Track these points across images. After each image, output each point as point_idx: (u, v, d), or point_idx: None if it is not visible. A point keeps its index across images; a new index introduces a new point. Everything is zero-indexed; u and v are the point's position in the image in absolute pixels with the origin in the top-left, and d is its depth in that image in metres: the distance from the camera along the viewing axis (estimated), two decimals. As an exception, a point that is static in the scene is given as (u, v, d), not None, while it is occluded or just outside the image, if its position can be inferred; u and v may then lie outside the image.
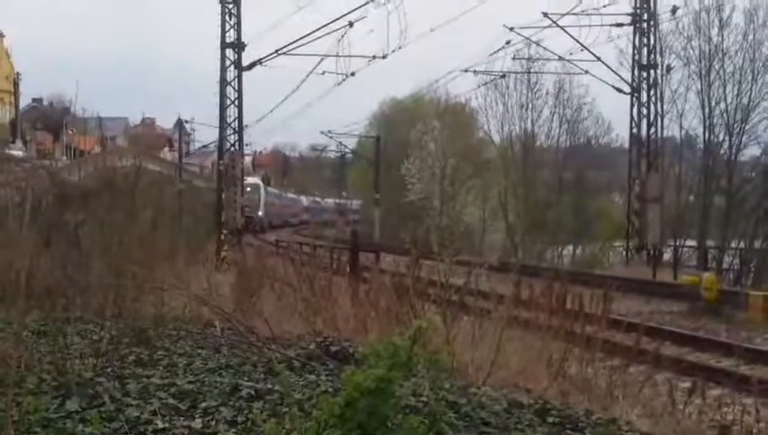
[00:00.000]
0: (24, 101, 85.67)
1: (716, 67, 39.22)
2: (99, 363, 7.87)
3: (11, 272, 8.32)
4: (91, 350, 8.48)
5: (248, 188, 42.92)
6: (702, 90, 39.48)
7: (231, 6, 34.52)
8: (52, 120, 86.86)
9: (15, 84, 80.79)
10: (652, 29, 36.64)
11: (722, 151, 40.53)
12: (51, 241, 12.78)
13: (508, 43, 38.36)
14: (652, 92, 36.89)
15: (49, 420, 6.00)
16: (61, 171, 45.01)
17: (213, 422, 6.05)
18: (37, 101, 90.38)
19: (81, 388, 6.87)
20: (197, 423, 6.01)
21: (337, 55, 34.80)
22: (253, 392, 6.94)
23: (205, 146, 64.47)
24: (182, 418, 6.13)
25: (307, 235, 50.91)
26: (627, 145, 38.80)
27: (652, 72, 36.80)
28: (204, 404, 6.50)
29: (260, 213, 55.65)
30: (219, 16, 34.57)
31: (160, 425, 5.92)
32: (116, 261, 10.74)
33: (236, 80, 35.10)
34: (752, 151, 40.30)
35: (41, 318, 9.35)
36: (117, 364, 7.89)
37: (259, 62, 35.21)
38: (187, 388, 6.99)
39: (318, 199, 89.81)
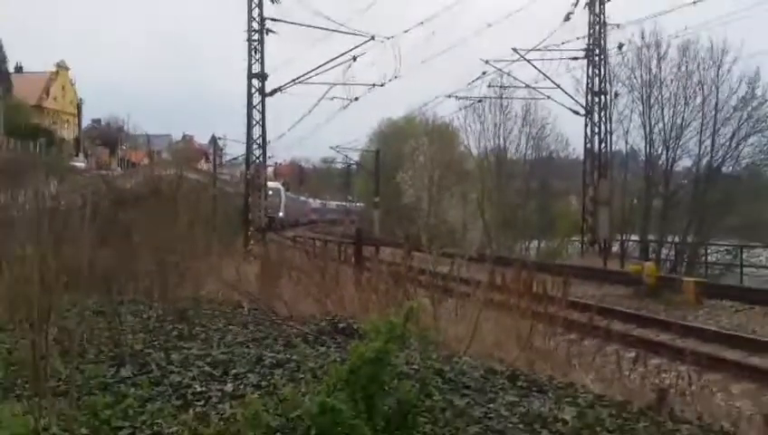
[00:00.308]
0: (86, 122, 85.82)
1: (655, 93, 39.32)
2: (147, 338, 7.87)
3: (75, 263, 8.26)
4: (140, 326, 8.49)
5: (270, 192, 42.85)
6: (643, 112, 39.58)
7: (256, 43, 34.62)
8: (108, 137, 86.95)
9: (78, 108, 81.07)
10: (602, 62, 36.81)
11: (660, 163, 40.57)
12: (107, 237, 12.74)
13: (484, 73, 38.54)
14: (603, 114, 37.06)
15: (106, 384, 5.98)
16: (115, 180, 44.99)
17: (241, 386, 6.03)
18: (96, 121, 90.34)
19: (132, 358, 6.86)
20: (229, 387, 5.99)
21: (343, 84, 34.94)
22: (274, 361, 6.92)
23: (234, 158, 64.64)
24: (216, 382, 6.12)
25: (319, 232, 50.74)
26: (582, 158, 38.82)
27: (602, 97, 36.94)
28: (234, 371, 6.49)
29: (280, 214, 55.54)
30: (247, 51, 34.82)
31: (198, 389, 5.90)
32: (161, 253, 10.74)
33: (261, 104, 35.27)
34: (684, 163, 40.44)
35: (99, 301, 9.34)
36: (162, 338, 7.88)
37: (279, 89, 35.34)
38: (221, 358, 6.97)
39: (324, 202, 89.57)
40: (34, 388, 5.12)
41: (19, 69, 73.90)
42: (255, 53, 34.84)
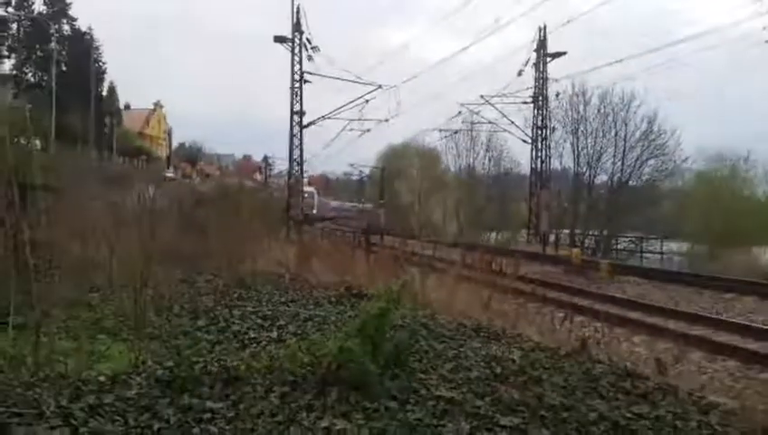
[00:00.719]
0: (174, 144, 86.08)
1: (582, 128, 39.17)
2: (216, 298, 7.87)
3: (166, 245, 8.28)
4: (211, 290, 8.50)
5: (306, 194, 43.00)
6: (573, 141, 39.46)
7: (297, 89, 34.78)
8: (190, 155, 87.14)
9: (169, 134, 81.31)
10: (544, 105, 36.88)
11: (585, 178, 40.51)
12: (189, 227, 12.77)
13: (459, 113, 38.88)
14: (544, 143, 37.13)
15: (186, 331, 6.00)
16: (195, 186, 45.03)
17: (283, 333, 6.05)
18: (182, 144, 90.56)
19: (205, 313, 6.88)
20: (274, 334, 6.01)
21: (358, 119, 35.17)
22: (307, 316, 6.95)
23: (280, 172, 64.73)
24: (265, 331, 6.14)
25: (340, 224, 50.54)
26: (529, 174, 38.86)
27: (544, 130, 36.99)
28: (278, 323, 6.51)
29: (314, 211, 55.33)
30: (290, 95, 35.01)
31: (252, 335, 5.93)
32: (227, 239, 10.75)
33: (300, 133, 35.48)
34: (602, 178, 40.36)
35: (183, 272, 9.36)
36: (227, 299, 7.89)
37: (313, 123, 35.59)
38: (268, 313, 6.99)
39: (341, 203, 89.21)
40: (135, 333, 5.13)
41: (127, 106, 74.06)
42: (296, 96, 34.96)
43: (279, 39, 34.22)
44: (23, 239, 4.82)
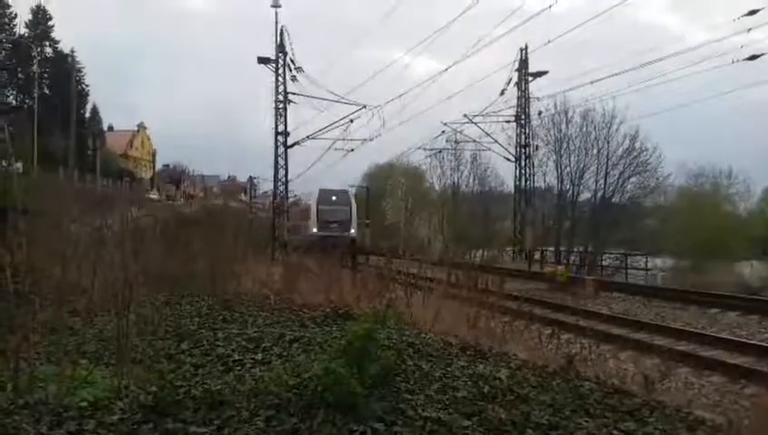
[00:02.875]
0: (159, 166, 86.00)
1: (564, 146, 39.55)
2: (200, 321, 7.80)
3: (149, 267, 8.20)
4: (195, 313, 8.42)
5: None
6: (556, 160, 39.79)
7: (281, 110, 34.93)
8: (174, 177, 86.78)
9: (153, 156, 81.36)
10: (527, 124, 37.26)
11: (568, 195, 40.82)
12: (173, 248, 12.66)
13: (443, 132, 38.97)
14: (527, 161, 37.45)
15: (170, 355, 5.94)
16: (179, 207, 44.80)
17: (268, 355, 6.00)
18: (166, 165, 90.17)
19: (189, 336, 6.81)
20: (259, 356, 5.96)
21: (343, 139, 35.17)
22: (292, 338, 6.89)
23: (265, 192, 64.46)
24: (250, 353, 6.09)
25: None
26: (513, 192, 39.09)
27: (527, 149, 37.35)
28: (263, 345, 6.45)
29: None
30: (274, 115, 35.15)
31: (237, 357, 5.87)
32: (211, 260, 10.67)
33: (284, 154, 35.52)
34: (585, 195, 40.67)
35: (167, 294, 9.27)
36: (211, 321, 7.82)
37: (297, 143, 35.67)
38: (253, 335, 6.93)
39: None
40: (118, 357, 5.06)
41: (110, 128, 73.99)
42: (280, 116, 35.11)
43: (263, 60, 34.32)
44: (2, 264, 4.75)
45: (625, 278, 29.22)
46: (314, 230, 33.10)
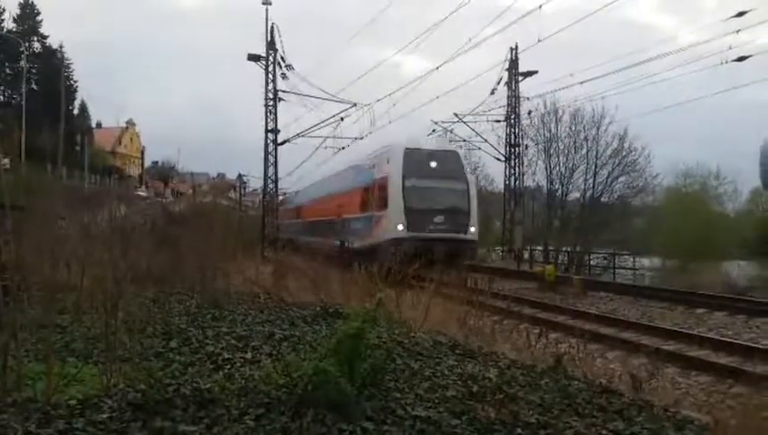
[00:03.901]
0: (147, 163, 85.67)
1: (554, 146, 39.57)
2: (189, 319, 7.77)
3: (137, 265, 8.16)
4: (184, 311, 8.38)
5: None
6: (546, 159, 39.87)
7: (271, 107, 34.69)
8: (163, 174, 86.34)
9: (142, 153, 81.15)
10: (517, 123, 37.28)
11: (557, 195, 40.92)
12: (161, 246, 12.59)
13: (434, 131, 38.67)
14: (517, 161, 37.49)
15: (159, 352, 5.92)
16: (168, 205, 44.62)
17: (258, 354, 5.98)
18: (155, 162, 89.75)
19: (178, 334, 6.78)
20: (248, 355, 5.94)
21: (333, 137, 34.91)
22: (282, 336, 6.88)
23: (255, 190, 64.24)
24: (239, 351, 6.07)
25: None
26: (502, 191, 39.18)
27: (517, 148, 37.39)
28: (253, 344, 6.44)
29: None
30: (264, 113, 34.92)
31: (226, 356, 5.85)
32: (200, 258, 10.61)
33: (274, 151, 35.33)
34: (574, 195, 40.75)
35: (155, 292, 9.23)
36: (200, 320, 7.79)
37: (287, 140, 35.40)
38: (243, 334, 6.91)
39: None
40: (107, 355, 5.04)
41: (99, 125, 73.56)
42: (270, 114, 34.89)
43: (253, 57, 34.15)
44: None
45: (613, 278, 29.37)
46: (400, 229, 20.09)
